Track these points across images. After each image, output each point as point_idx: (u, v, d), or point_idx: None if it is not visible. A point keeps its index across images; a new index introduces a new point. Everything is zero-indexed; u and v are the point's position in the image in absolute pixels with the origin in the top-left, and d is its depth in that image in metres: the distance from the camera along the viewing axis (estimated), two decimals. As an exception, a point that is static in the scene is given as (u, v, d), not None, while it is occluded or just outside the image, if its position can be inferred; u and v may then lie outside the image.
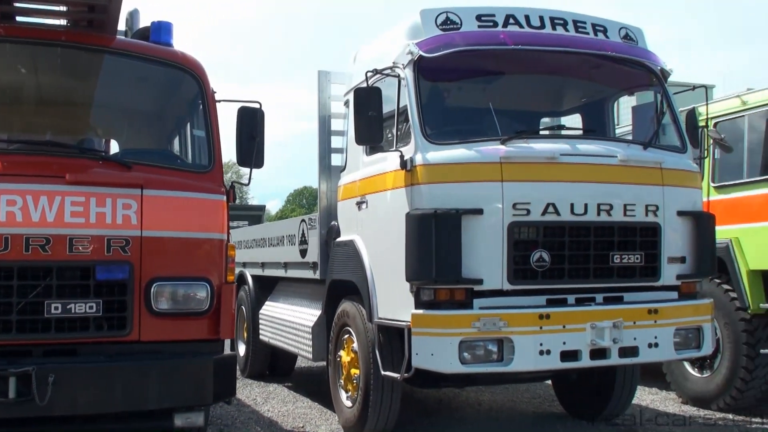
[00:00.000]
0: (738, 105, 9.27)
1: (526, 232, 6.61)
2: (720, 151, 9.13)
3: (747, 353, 8.76)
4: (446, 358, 6.37)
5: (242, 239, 12.29)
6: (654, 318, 6.91)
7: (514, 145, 6.70)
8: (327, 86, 8.90)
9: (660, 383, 10.11)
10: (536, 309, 6.55)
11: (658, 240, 7.05)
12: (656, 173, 7.08)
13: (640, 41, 7.71)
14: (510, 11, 7.18)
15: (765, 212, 8.70)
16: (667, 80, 7.74)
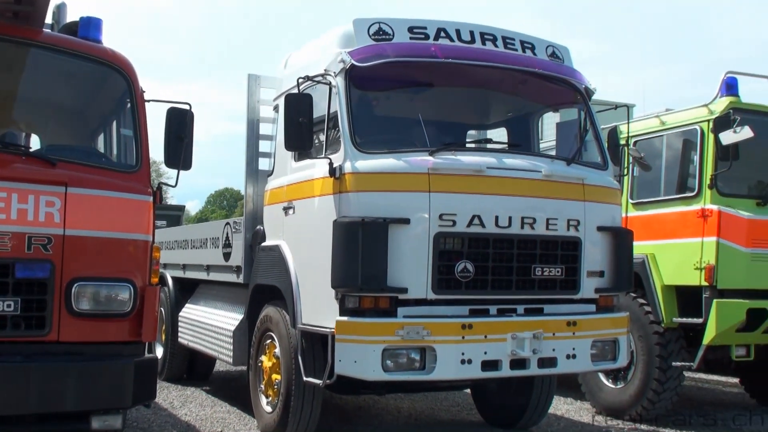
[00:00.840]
0: (657, 125, 9.59)
1: (452, 243, 6.69)
2: (639, 168, 9.41)
3: (659, 365, 9.04)
4: (369, 365, 6.40)
5: (163, 240, 12.12)
6: (572, 330, 7.08)
7: (442, 156, 6.78)
8: (256, 90, 8.86)
9: (575, 393, 10.35)
10: (459, 319, 6.64)
11: (579, 254, 7.22)
12: (578, 189, 7.26)
13: (566, 59, 7.91)
14: (441, 25, 7.28)
15: (679, 229, 9.01)
16: (591, 98, 7.94)
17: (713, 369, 11.21)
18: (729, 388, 12.24)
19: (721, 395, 11.85)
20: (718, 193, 8.73)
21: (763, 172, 9.19)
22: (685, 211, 8.97)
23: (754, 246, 8.61)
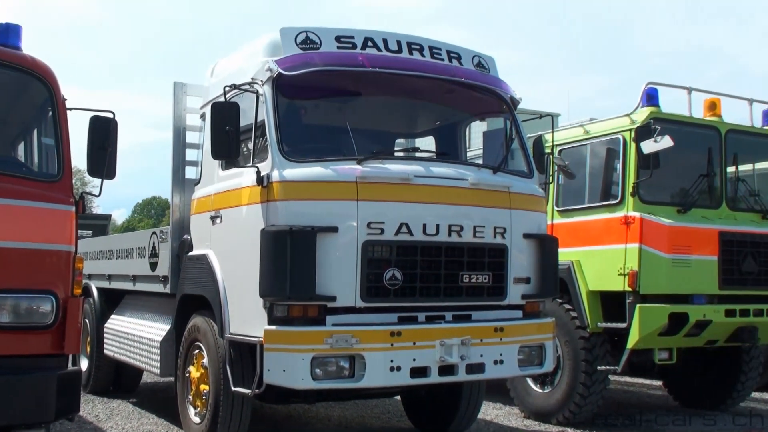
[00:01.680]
0: (581, 134, 9.79)
1: (380, 251, 6.71)
2: (563, 177, 9.59)
3: (585, 370, 9.21)
4: (298, 374, 6.39)
5: (88, 250, 11.89)
6: (500, 336, 7.17)
7: (370, 165, 6.81)
8: (182, 98, 8.78)
9: (504, 398, 10.48)
10: (388, 326, 6.67)
11: (505, 261, 7.31)
12: (504, 197, 7.36)
13: (492, 69, 8.03)
14: (369, 34, 7.33)
15: (604, 236, 9.20)
16: (517, 108, 8.07)
17: (637, 372, 11.46)
18: (653, 391, 12.55)
19: (645, 398, 12.13)
20: (641, 200, 8.94)
21: (683, 180, 9.43)
22: (608, 218, 9.17)
23: (675, 252, 8.84)
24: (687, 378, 10.84)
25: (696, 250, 8.96)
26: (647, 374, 11.79)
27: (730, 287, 9.13)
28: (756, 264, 9.31)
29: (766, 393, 12.15)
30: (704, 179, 9.36)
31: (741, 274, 9.21)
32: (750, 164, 10.30)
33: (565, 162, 9.36)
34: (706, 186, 9.42)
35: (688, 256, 8.89)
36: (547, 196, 8.84)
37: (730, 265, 9.12)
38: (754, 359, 10.47)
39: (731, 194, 9.64)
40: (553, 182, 9.38)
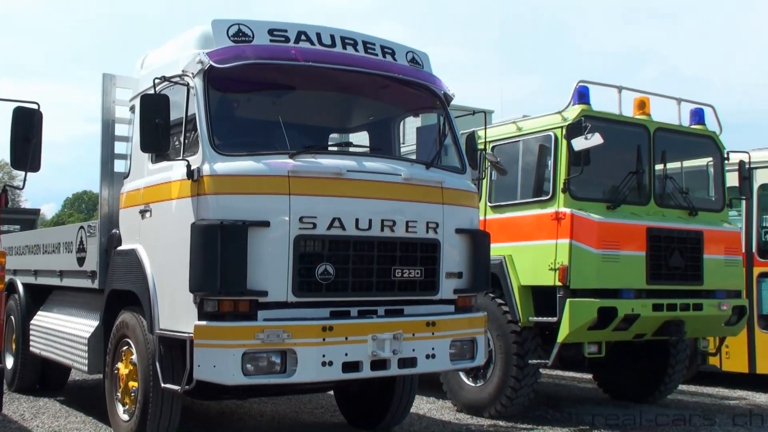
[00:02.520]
0: (514, 130, 9.89)
1: (312, 246, 6.69)
2: (496, 173, 9.67)
3: (517, 363, 9.32)
4: (229, 369, 6.33)
5: (13, 245, 11.59)
6: (432, 330, 7.21)
7: (303, 159, 6.78)
8: (112, 90, 8.61)
9: (437, 392, 10.54)
10: (320, 321, 6.65)
11: (437, 256, 7.35)
12: (437, 192, 7.39)
13: (426, 65, 8.05)
14: (302, 28, 7.28)
15: (535, 232, 9.31)
16: (450, 104, 8.11)
17: (568, 366, 11.68)
18: (583, 384, 12.76)
19: (575, 391, 12.33)
20: (571, 196, 9.06)
21: (613, 177, 9.58)
22: (540, 214, 9.29)
23: (605, 248, 8.98)
24: (616, 371, 11.05)
25: (625, 245, 9.12)
26: (577, 367, 12.03)
27: (657, 282, 9.31)
28: (683, 259, 9.52)
29: (692, 385, 12.43)
30: (633, 176, 9.53)
31: (668, 269, 9.41)
32: (678, 162, 10.52)
33: (497, 158, 9.45)
34: (635, 183, 9.58)
35: (617, 252, 9.04)
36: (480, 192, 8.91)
37: (657, 260, 9.30)
38: (681, 352, 10.72)
39: (659, 191, 9.83)
40: (486, 178, 9.46)
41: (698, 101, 10.54)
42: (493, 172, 9.66)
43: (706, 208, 10.25)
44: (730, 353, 11.92)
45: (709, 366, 12.34)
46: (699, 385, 12.55)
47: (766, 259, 11.77)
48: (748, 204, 11.80)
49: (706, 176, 10.78)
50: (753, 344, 11.78)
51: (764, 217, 12.10)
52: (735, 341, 11.46)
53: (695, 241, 9.65)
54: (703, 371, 12.62)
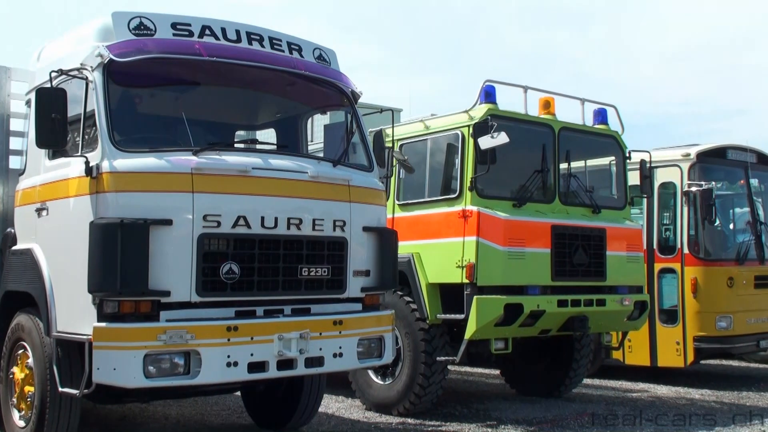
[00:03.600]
0: (422, 129, 9.95)
1: (216, 244, 6.56)
2: (404, 171, 9.70)
3: (425, 361, 9.36)
4: (130, 372, 6.16)
5: None
6: (339, 329, 7.17)
7: (207, 156, 6.65)
8: (6, 83, 8.31)
9: (346, 391, 10.51)
10: (224, 321, 6.53)
11: (345, 254, 7.32)
12: (344, 190, 7.36)
13: (333, 63, 8.00)
14: (207, 22, 7.14)
15: (443, 229, 9.38)
16: (357, 102, 8.09)
17: (476, 362, 11.80)
18: (491, 380, 12.93)
19: (483, 386, 12.48)
20: (478, 194, 9.16)
21: (519, 176, 9.71)
22: (447, 212, 9.35)
23: (511, 245, 9.09)
24: (523, 366, 11.23)
25: (530, 243, 9.26)
26: (485, 363, 12.16)
27: (562, 279, 9.50)
28: (586, 256, 9.73)
29: (597, 379, 12.72)
30: (539, 175, 9.69)
31: (572, 265, 9.60)
32: (582, 161, 10.75)
33: (405, 156, 9.49)
34: (541, 181, 9.75)
35: (523, 249, 9.18)
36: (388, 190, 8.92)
37: (562, 257, 9.48)
38: (585, 347, 10.96)
39: (564, 189, 10.02)
40: (394, 176, 9.48)
41: (602, 102, 10.78)
42: (401, 170, 9.69)
43: (608, 206, 10.49)
44: (632, 347, 12.26)
45: (613, 360, 12.66)
46: (603, 378, 12.85)
47: (666, 256, 12.12)
48: (649, 202, 12.14)
49: (609, 175, 11.06)
50: (654, 338, 12.13)
51: (665, 214, 12.46)
52: (637, 335, 11.80)
53: (598, 238, 9.87)
54: (606, 365, 12.93)
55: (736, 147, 12.77)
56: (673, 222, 12.23)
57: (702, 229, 11.98)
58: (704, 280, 11.83)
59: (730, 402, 10.97)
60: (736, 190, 13.40)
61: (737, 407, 10.53)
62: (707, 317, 11.82)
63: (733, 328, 11.96)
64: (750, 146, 12.92)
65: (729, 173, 13.06)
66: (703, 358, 12.41)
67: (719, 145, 12.68)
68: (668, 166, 12.10)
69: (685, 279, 11.88)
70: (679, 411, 10.15)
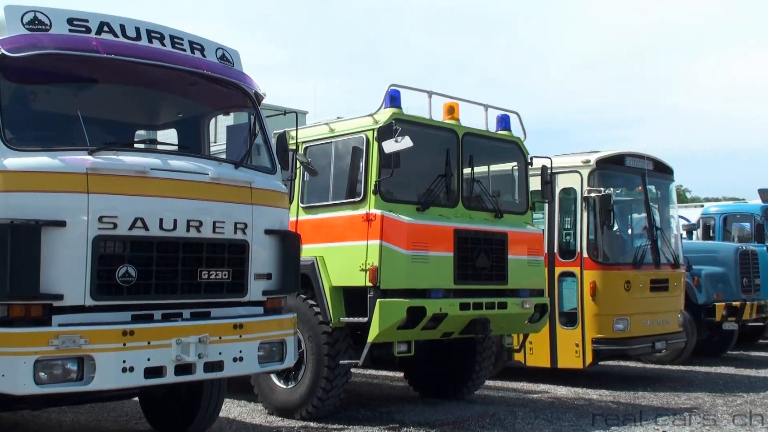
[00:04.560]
0: (327, 132, 9.93)
1: (113, 247, 6.41)
2: (308, 173, 9.66)
3: (328, 364, 9.34)
4: (19, 378, 5.94)
5: None
6: (239, 333, 7.09)
7: (103, 156, 6.48)
8: None
9: (249, 395, 10.40)
10: (120, 325, 6.38)
11: (246, 257, 7.25)
12: (246, 192, 7.29)
13: (237, 63, 7.92)
14: (105, 19, 6.97)
15: (347, 233, 9.38)
16: (261, 103, 8.02)
17: (380, 365, 11.83)
18: (395, 382, 12.99)
19: (387, 389, 12.54)
20: (382, 198, 9.19)
21: (423, 180, 9.79)
22: (351, 215, 9.36)
23: (414, 248, 9.15)
24: (426, 369, 11.32)
25: (433, 246, 9.34)
26: (389, 366, 12.21)
27: (464, 282, 9.61)
28: (488, 260, 9.87)
29: (499, 381, 12.92)
30: (442, 179, 9.77)
31: (475, 269, 9.72)
32: (485, 166, 10.92)
33: (309, 159, 9.46)
34: (444, 186, 9.82)
35: (426, 253, 9.25)
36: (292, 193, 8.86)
37: (464, 261, 9.59)
38: (487, 350, 11.13)
39: (467, 194, 10.15)
40: (297, 179, 9.44)
41: (505, 108, 10.97)
42: (305, 173, 9.65)
43: (511, 211, 10.68)
44: (533, 349, 12.52)
45: (515, 362, 12.89)
46: (505, 380, 13.06)
47: (566, 260, 12.41)
48: (551, 207, 12.42)
49: (511, 180, 11.25)
50: (555, 340, 12.41)
51: (566, 219, 12.77)
52: (538, 337, 12.05)
53: (500, 242, 10.03)
54: (509, 366, 13.15)
55: (634, 154, 13.19)
56: (573, 227, 12.53)
57: (601, 234, 12.33)
58: (602, 284, 12.17)
59: (626, 402, 11.28)
60: (633, 197, 13.84)
61: (633, 407, 10.85)
62: (605, 320, 12.17)
63: (629, 330, 12.33)
64: (647, 154, 13.38)
65: (627, 180, 13.47)
66: (601, 359, 12.77)
67: (618, 152, 13.08)
68: (569, 172, 12.40)
69: (584, 282, 12.20)
70: (577, 411, 10.39)
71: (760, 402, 11.24)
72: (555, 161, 11.46)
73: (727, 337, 16.62)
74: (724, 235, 19.46)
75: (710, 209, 20.71)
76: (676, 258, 13.62)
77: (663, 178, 13.94)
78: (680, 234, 15.00)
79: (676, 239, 14.07)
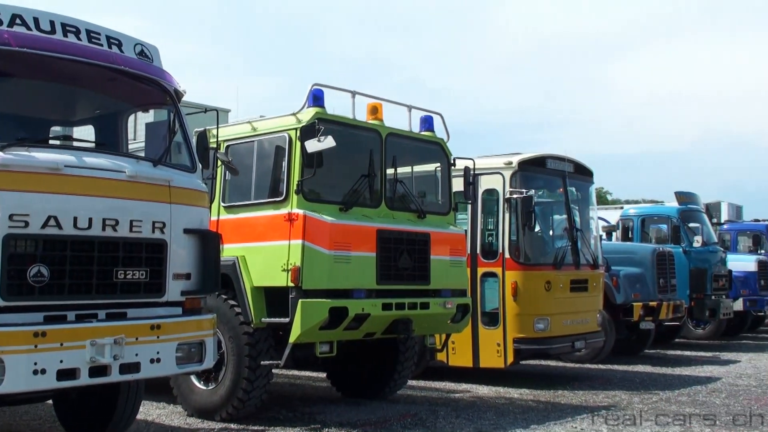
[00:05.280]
0: (249, 130, 9.85)
1: (24, 246, 6.23)
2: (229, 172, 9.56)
3: (249, 365, 9.25)
4: None
5: None
6: (157, 334, 6.97)
7: (14, 152, 6.29)
8: None
9: (169, 397, 10.23)
10: (32, 326, 6.20)
11: (164, 257, 7.13)
12: (164, 191, 7.17)
13: (156, 59, 7.79)
14: (18, 11, 6.76)
15: (269, 233, 9.31)
16: (181, 100, 7.90)
17: (303, 365, 11.78)
18: (318, 383, 12.95)
19: (310, 390, 12.49)
20: (304, 198, 9.14)
21: (346, 180, 9.77)
22: (273, 215, 9.29)
23: (336, 249, 9.12)
24: (349, 369, 11.31)
25: (356, 247, 9.32)
26: (312, 367, 12.17)
27: (387, 282, 9.61)
28: (411, 260, 9.90)
29: (422, 380, 12.98)
30: (365, 179, 9.77)
31: (397, 269, 9.74)
32: (408, 166, 10.96)
33: (229, 157, 9.36)
34: (368, 186, 9.83)
35: (349, 253, 9.24)
36: (213, 192, 8.76)
37: (387, 261, 9.60)
38: (410, 350, 11.17)
39: (390, 194, 10.17)
40: (219, 178, 9.33)
41: (428, 109, 11.03)
42: (227, 172, 9.54)
43: (434, 212, 10.74)
44: (456, 349, 12.61)
45: (437, 361, 12.94)
46: (428, 380, 13.13)
47: (489, 260, 12.54)
48: (474, 208, 12.53)
49: (434, 181, 11.31)
50: (477, 340, 12.53)
51: (488, 220, 12.90)
52: (460, 337, 12.14)
53: (423, 242, 10.07)
54: (431, 366, 13.21)
55: (555, 157, 13.40)
56: (495, 228, 12.67)
57: (522, 235, 12.50)
58: (523, 284, 12.34)
59: (545, 400, 11.46)
60: (554, 198, 14.07)
61: (552, 405, 11.03)
62: (526, 319, 12.33)
63: (550, 329, 12.52)
64: (568, 156, 13.60)
65: (548, 182, 13.69)
66: (522, 358, 12.93)
67: (539, 154, 13.28)
68: (492, 173, 12.53)
69: (506, 283, 12.34)
70: (498, 410, 10.51)
71: (675, 399, 11.54)
72: (478, 162, 11.56)
73: (645, 336, 17.04)
74: (642, 237, 19.98)
75: (629, 211, 21.21)
76: (596, 259, 13.89)
77: (583, 180, 14.20)
78: (600, 235, 15.31)
79: (595, 240, 14.35)
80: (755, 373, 14.81)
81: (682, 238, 19.14)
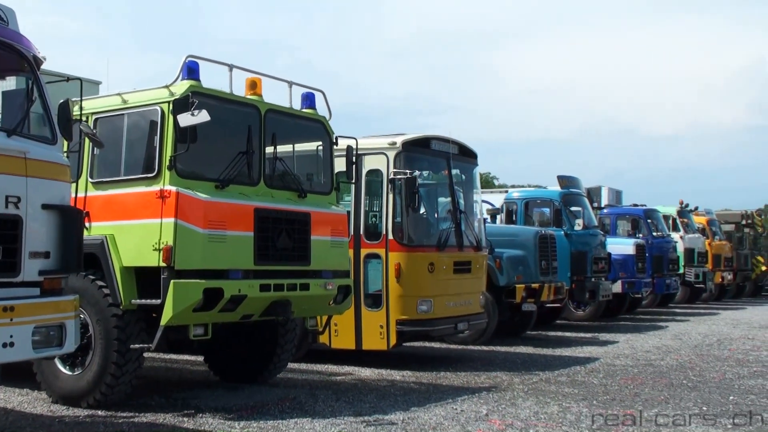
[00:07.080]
0: (119, 103, 9.36)
1: None
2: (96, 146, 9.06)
3: (118, 349, 8.81)
4: None
5: None
6: (10, 316, 6.53)
7: None
8: None
9: (32, 383, 9.69)
10: None
11: (20, 234, 6.68)
12: (20, 163, 6.71)
13: (12, 23, 7.26)
14: None
15: (140, 210, 8.88)
16: (40, 68, 7.41)
17: (179, 349, 11.40)
18: (196, 367, 12.56)
19: (186, 374, 12.10)
20: (178, 174, 8.73)
21: (223, 156, 9.41)
22: (144, 191, 8.85)
23: (211, 227, 8.77)
24: (226, 352, 11.00)
25: (232, 225, 8.99)
26: (189, 350, 11.80)
27: (265, 263, 9.33)
28: (290, 240, 9.63)
29: (303, 363, 12.78)
30: (243, 156, 9.44)
31: (276, 249, 9.46)
32: (289, 144, 10.68)
33: (94, 130, 8.87)
34: (246, 163, 9.49)
35: (224, 232, 8.89)
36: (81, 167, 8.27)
37: (265, 241, 9.31)
38: (290, 332, 10.92)
39: (270, 172, 9.87)
40: (84, 151, 8.85)
41: (310, 86, 10.75)
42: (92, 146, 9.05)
43: (315, 191, 10.49)
44: (338, 331, 12.43)
45: (320, 344, 12.77)
46: (310, 363, 12.93)
47: (372, 242, 12.40)
48: (357, 188, 12.35)
49: (316, 160, 11.07)
50: (360, 322, 12.39)
51: (373, 201, 12.76)
52: (343, 319, 11.98)
53: (303, 222, 9.83)
54: (314, 349, 13.03)
55: (440, 138, 13.33)
56: (379, 209, 12.53)
57: (406, 216, 12.39)
58: (407, 266, 12.25)
59: (428, 382, 11.43)
60: (438, 180, 14.04)
61: (434, 387, 11.01)
62: (409, 301, 12.26)
63: (433, 311, 12.48)
64: (453, 138, 13.55)
65: (432, 163, 13.63)
66: (405, 340, 12.86)
67: (424, 135, 13.18)
68: (375, 153, 12.37)
69: (389, 264, 12.23)
70: (379, 392, 10.40)
71: (554, 380, 11.70)
72: (361, 142, 11.38)
73: (527, 317, 17.31)
74: (525, 220, 20.26)
75: (513, 194, 21.47)
76: (479, 241, 13.93)
77: (468, 163, 14.20)
78: (483, 218, 15.39)
79: (479, 223, 14.40)
80: (632, 353, 15.21)
81: (564, 221, 19.51)
